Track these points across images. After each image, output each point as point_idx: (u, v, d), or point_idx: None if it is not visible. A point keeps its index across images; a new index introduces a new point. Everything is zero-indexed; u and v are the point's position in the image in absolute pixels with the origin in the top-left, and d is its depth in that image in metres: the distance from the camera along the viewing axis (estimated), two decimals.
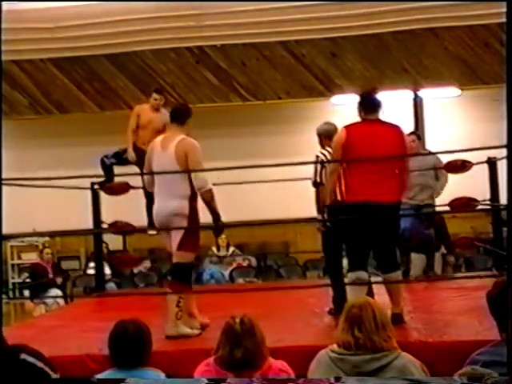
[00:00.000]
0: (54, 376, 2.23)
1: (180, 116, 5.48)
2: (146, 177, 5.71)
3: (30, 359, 2.21)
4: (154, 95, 8.15)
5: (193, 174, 5.25)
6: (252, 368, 3.37)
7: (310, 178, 5.87)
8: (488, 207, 7.53)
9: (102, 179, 7.78)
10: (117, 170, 8.01)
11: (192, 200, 5.28)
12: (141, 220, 8.10)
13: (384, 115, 5.34)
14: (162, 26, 12.02)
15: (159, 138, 5.50)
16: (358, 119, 5.36)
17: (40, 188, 8.30)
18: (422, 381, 2.94)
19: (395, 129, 5.32)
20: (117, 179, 7.68)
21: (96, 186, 7.69)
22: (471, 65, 11.96)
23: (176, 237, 5.26)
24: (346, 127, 5.28)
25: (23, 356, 2.21)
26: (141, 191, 8.16)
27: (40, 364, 2.22)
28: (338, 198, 5.24)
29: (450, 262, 9.59)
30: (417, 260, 8.06)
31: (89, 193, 7.83)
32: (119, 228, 6.25)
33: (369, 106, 5.33)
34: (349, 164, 5.21)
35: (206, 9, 11.82)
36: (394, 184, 5.19)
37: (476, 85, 12.15)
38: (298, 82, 12.20)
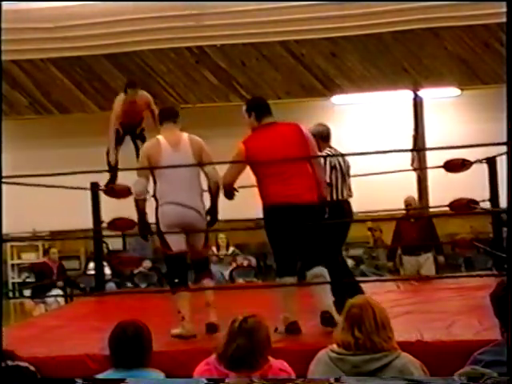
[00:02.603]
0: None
1: (173, 115, 5.46)
2: (140, 182, 5.32)
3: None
4: None
5: (213, 169, 5.32)
6: (247, 367, 3.36)
7: None
8: (488, 208, 7.51)
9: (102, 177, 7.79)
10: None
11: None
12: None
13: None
14: (162, 26, 12.02)
15: (161, 139, 5.29)
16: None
17: (40, 188, 8.31)
18: (422, 381, 2.95)
19: (294, 127, 5.16)
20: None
21: (103, 188, 7.68)
22: (471, 65, 11.96)
23: (201, 235, 5.34)
24: (243, 142, 5.13)
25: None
26: None
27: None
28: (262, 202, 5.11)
29: (441, 261, 9.60)
30: None
31: (88, 192, 7.83)
32: (118, 227, 6.25)
33: (261, 110, 5.19)
34: (258, 173, 5.06)
35: (205, 9, 11.82)
36: (308, 182, 5.06)
37: (476, 85, 12.15)
38: (297, 81, 12.19)
